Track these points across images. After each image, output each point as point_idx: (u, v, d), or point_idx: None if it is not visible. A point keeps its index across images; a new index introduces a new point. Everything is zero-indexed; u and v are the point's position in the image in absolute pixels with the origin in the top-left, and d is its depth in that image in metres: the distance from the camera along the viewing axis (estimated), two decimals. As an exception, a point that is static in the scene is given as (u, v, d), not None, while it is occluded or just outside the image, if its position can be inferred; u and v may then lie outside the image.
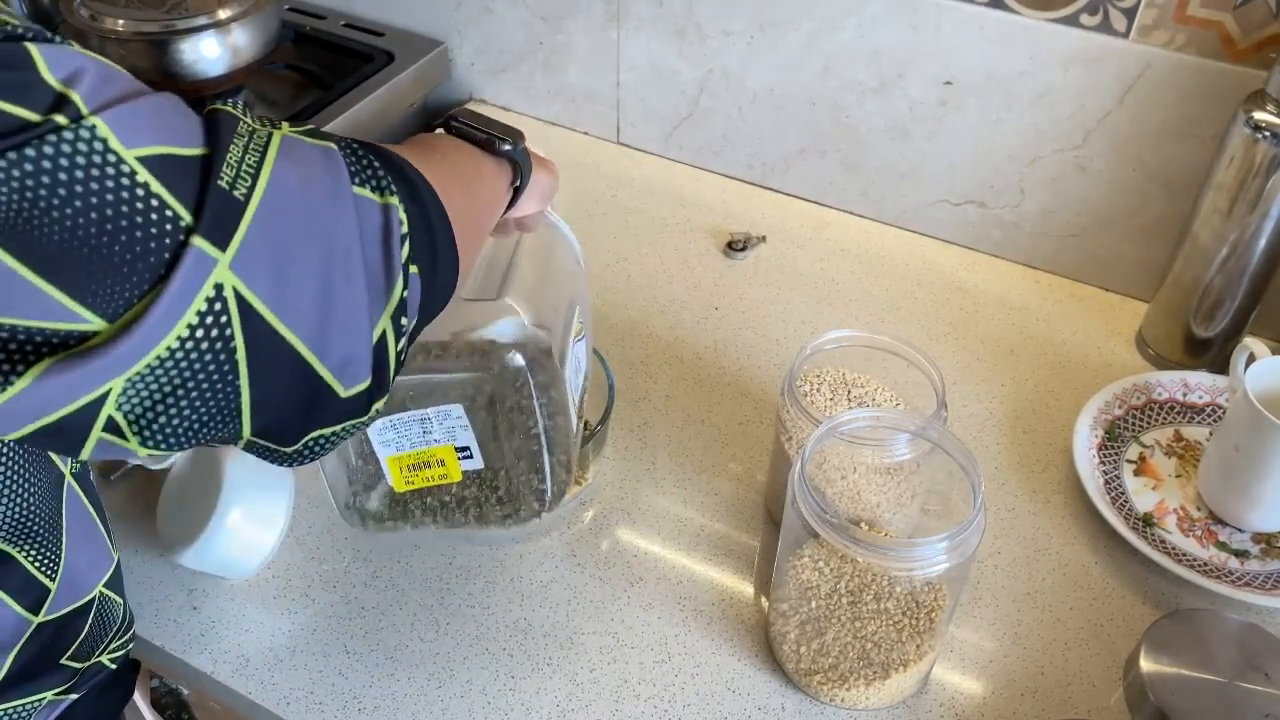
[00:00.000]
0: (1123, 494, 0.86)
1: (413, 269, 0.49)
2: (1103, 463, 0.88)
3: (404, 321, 0.49)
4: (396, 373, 0.50)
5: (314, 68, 1.28)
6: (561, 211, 1.18)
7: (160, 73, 1.15)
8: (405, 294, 0.48)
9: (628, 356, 1.00)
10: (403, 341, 0.49)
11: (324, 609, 0.79)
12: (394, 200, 0.48)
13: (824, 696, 0.73)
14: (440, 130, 0.65)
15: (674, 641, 0.77)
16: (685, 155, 1.24)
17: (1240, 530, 0.84)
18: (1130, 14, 0.92)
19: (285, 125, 0.48)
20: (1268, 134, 0.83)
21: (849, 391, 0.83)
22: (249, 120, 0.46)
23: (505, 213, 0.68)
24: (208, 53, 1.15)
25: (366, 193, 0.47)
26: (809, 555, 0.71)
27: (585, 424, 0.90)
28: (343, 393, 0.47)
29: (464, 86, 1.34)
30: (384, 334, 0.48)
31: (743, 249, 1.11)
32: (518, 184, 0.67)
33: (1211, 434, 0.90)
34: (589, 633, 0.78)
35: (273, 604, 0.80)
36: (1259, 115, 0.84)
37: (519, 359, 0.67)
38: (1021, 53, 0.98)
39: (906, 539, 0.76)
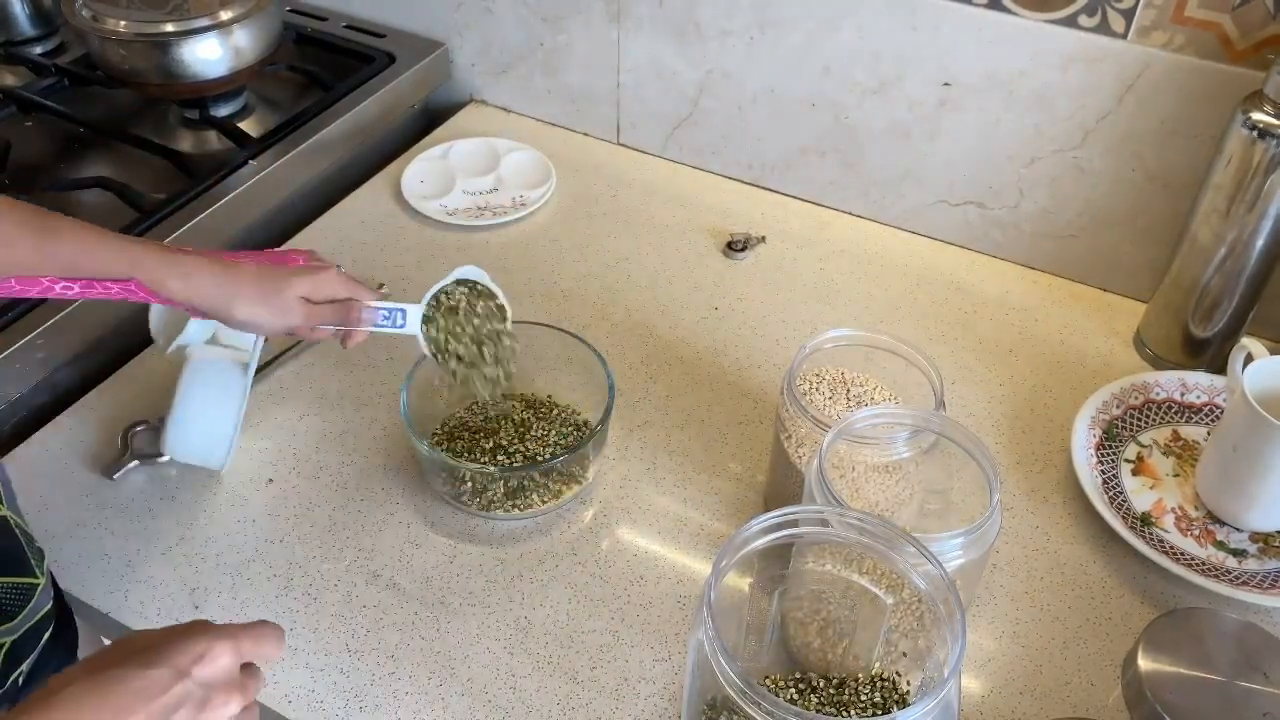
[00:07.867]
0: (1121, 493, 0.87)
1: None
2: (1101, 462, 0.88)
3: None
4: None
5: (315, 69, 1.29)
6: (562, 212, 1.19)
7: (162, 74, 1.15)
8: None
9: (628, 356, 1.00)
10: None
11: (325, 607, 0.80)
12: None
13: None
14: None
15: (674, 640, 0.78)
16: (685, 156, 1.24)
17: (1238, 529, 0.84)
18: (1129, 15, 0.92)
19: None
20: (1266, 134, 0.83)
21: (848, 391, 0.83)
22: None
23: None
24: (209, 54, 1.15)
25: None
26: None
27: (585, 424, 0.91)
28: None
29: (464, 87, 1.34)
30: None
31: (743, 249, 1.12)
32: None
33: (1209, 434, 0.90)
34: (589, 631, 0.78)
35: (274, 602, 0.80)
36: (1257, 116, 0.84)
37: None
38: (1020, 54, 0.98)
39: (924, 533, 0.76)
